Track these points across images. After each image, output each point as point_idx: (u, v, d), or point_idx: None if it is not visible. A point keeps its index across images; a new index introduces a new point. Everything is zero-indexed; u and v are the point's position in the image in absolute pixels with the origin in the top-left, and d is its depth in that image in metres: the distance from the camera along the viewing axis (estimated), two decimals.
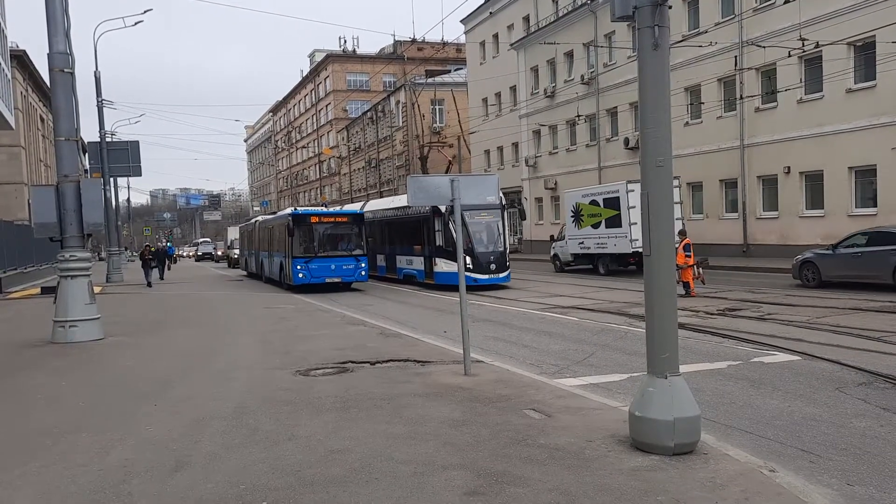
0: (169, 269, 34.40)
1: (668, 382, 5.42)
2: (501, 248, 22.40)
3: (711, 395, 7.66)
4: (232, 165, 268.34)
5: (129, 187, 69.31)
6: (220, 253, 63.05)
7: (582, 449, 5.58)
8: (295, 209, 25.19)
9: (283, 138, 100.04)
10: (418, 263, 24.44)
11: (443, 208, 21.11)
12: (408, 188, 8.79)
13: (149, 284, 27.93)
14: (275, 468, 5.32)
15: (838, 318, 12.70)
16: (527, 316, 15.40)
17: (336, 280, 23.31)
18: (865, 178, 23.66)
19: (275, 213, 36.95)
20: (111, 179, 32.65)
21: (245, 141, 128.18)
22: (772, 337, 10.99)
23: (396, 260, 26.59)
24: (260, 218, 33.60)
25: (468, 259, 21.27)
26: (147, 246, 31.12)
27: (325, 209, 26.85)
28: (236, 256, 42.02)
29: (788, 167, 26.02)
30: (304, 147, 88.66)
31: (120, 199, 44.16)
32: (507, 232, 22.94)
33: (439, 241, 22.74)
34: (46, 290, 22.96)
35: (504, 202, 22.44)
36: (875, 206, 23.08)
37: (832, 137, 24.12)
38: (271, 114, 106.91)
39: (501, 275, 22.21)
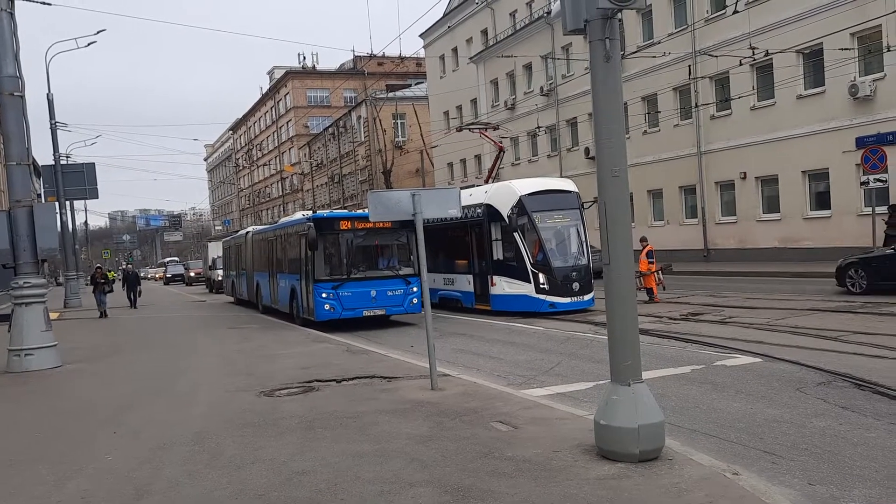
0: (140, 294, 28.68)
1: (632, 390, 5.46)
2: (585, 262, 17.07)
3: (676, 399, 7.73)
4: (192, 185, 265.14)
5: (86, 210, 67.58)
6: (192, 274, 54.01)
7: (549, 460, 5.59)
8: (314, 212, 18.99)
9: (243, 156, 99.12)
10: (463, 284, 18.94)
11: (504, 211, 17.04)
12: (368, 204, 8.76)
13: (103, 314, 23.63)
14: (238, 493, 5.22)
15: (797, 319, 12.95)
16: (493, 327, 15.42)
17: (379, 313, 16.55)
18: (819, 182, 24.26)
19: (275, 221, 30.98)
20: (67, 203, 31.96)
21: (205, 160, 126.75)
22: (733, 340, 11.15)
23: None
24: (253, 228, 27.82)
25: (542, 277, 16.53)
26: (98, 268, 26.17)
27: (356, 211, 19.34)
28: (220, 279, 35.02)
29: (745, 173, 26.57)
30: (265, 165, 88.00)
31: (77, 223, 43.15)
32: (588, 240, 17.65)
33: (497, 253, 17.45)
34: (1, 319, 22.33)
35: (582, 203, 17.70)
36: (829, 208, 23.66)
37: (785, 143, 24.70)
38: (231, 132, 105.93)
39: (586, 297, 16.82)
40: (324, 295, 16.21)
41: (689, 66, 27.36)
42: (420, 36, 51.73)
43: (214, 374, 10.86)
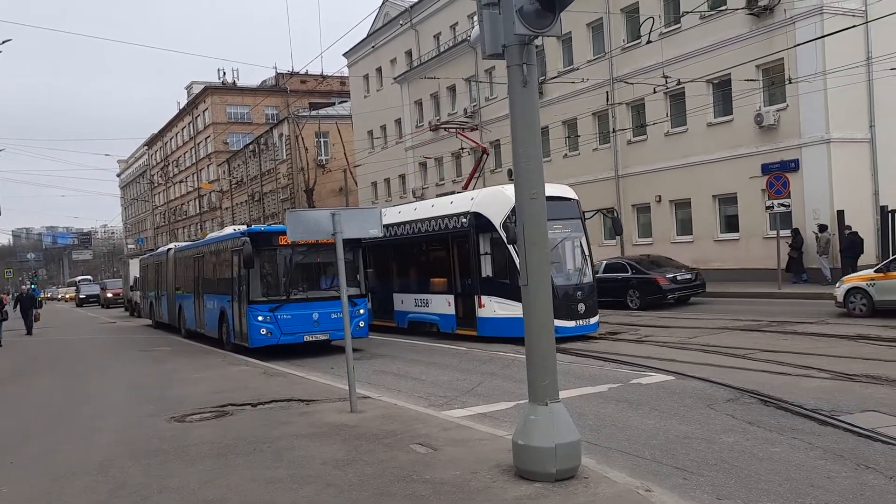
0: (37, 319, 26.44)
1: (549, 409, 5.51)
2: (589, 279, 15.16)
3: (594, 418, 7.85)
4: (103, 202, 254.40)
5: None
6: (110, 295, 48.57)
7: (467, 481, 5.56)
8: (248, 226, 16.94)
9: (159, 173, 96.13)
10: (441, 305, 16.42)
11: (496, 220, 14.84)
12: (287, 223, 8.60)
13: None
14: None
15: (707, 337, 13.42)
16: (415, 347, 15.33)
17: (321, 338, 14.88)
18: (728, 206, 25.36)
19: (198, 238, 28.45)
20: None
21: (118, 176, 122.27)
22: (648, 358, 11.45)
23: (394, 300, 18.21)
24: (175, 245, 25.71)
25: None
26: None
27: None
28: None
29: (660, 196, 27.52)
30: (181, 181, 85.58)
31: None
32: (591, 254, 15.87)
33: (487, 269, 15.18)
34: None
35: (583, 212, 16.01)
36: (738, 231, 24.74)
37: (697, 168, 25.73)
38: (146, 147, 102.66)
39: (592, 320, 14.80)
40: (259, 318, 14.45)
41: (607, 92, 28.20)
42: (344, 55, 51.57)
43: (122, 400, 10.40)
